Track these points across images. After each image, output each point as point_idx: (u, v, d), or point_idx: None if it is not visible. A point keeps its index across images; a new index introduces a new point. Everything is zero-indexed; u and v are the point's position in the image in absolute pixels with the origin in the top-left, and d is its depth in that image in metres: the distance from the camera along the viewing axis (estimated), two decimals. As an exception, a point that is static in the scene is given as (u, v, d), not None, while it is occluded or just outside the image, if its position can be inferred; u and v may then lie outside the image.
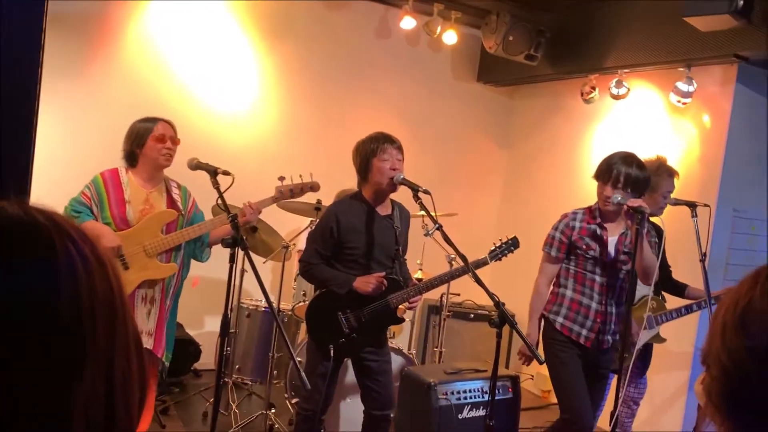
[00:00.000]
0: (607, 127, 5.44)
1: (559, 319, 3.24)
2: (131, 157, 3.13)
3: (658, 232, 3.56)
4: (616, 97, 4.98)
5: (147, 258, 3.04)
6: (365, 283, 3.07)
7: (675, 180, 3.67)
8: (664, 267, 3.77)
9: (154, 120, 3.16)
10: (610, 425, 3.09)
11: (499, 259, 3.21)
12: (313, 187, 3.27)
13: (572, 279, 3.24)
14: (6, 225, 0.55)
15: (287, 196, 3.21)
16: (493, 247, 3.21)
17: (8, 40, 1.38)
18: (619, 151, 3.23)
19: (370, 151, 3.11)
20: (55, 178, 4.47)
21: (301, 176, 3.24)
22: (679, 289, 3.80)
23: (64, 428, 0.54)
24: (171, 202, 3.18)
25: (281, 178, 3.17)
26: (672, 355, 4.40)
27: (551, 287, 3.36)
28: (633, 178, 3.08)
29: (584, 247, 3.19)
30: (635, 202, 3.00)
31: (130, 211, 3.06)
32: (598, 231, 3.20)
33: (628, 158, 3.14)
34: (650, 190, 3.58)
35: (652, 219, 3.62)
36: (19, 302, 0.52)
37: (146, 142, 3.10)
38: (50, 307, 0.53)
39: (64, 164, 4.54)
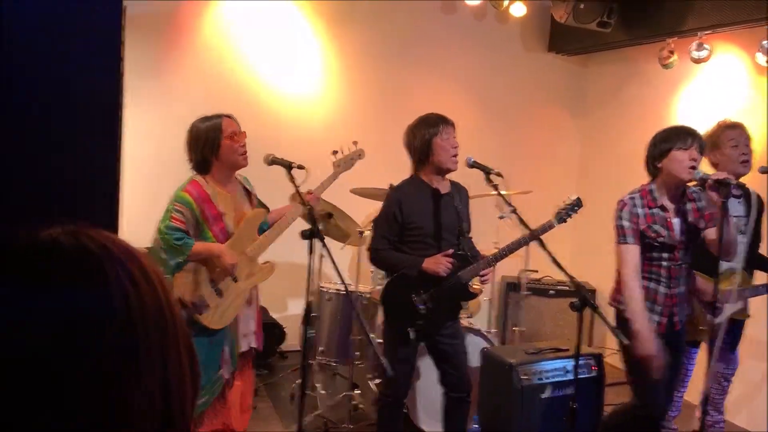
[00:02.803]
0: (688, 92, 5.19)
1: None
2: (204, 165, 2.91)
3: (751, 201, 3.37)
4: (697, 61, 4.74)
5: (251, 263, 2.99)
6: (435, 263, 3.10)
7: (740, 130, 3.43)
8: (757, 238, 3.57)
9: (216, 117, 2.92)
10: (699, 402, 3.01)
11: (564, 221, 3.13)
12: (361, 155, 3.29)
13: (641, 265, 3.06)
14: (60, 255, 0.58)
15: (343, 169, 3.20)
16: (557, 210, 3.15)
17: (87, 43, 1.45)
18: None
19: (432, 132, 3.11)
20: (140, 177, 4.70)
21: (353, 143, 3.27)
22: (764, 264, 3.59)
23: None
24: (249, 197, 3.12)
25: (335, 152, 3.18)
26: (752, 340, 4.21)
27: (617, 273, 3.14)
28: (702, 144, 2.96)
29: (653, 235, 3.01)
30: (719, 175, 2.87)
31: (228, 221, 2.92)
32: (662, 214, 3.03)
33: (684, 126, 3.03)
34: (712, 147, 3.39)
35: (745, 187, 3.43)
36: (75, 328, 0.56)
37: (220, 144, 2.88)
38: (104, 329, 0.57)
39: (146, 163, 4.76)
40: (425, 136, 3.13)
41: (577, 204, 3.14)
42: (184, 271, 2.85)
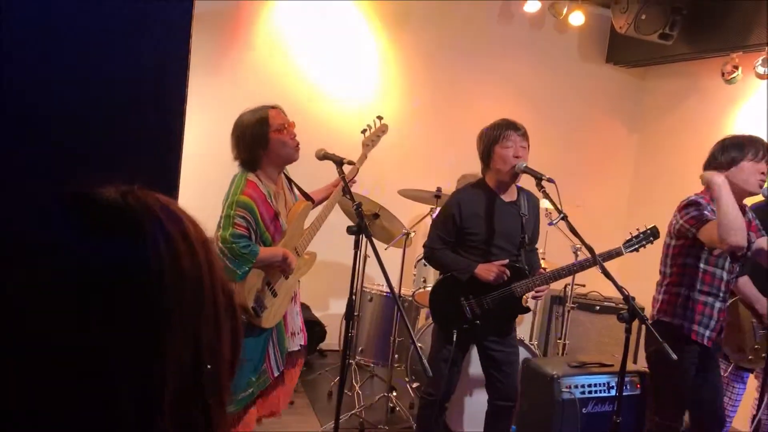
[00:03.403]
0: (749, 109, 5.03)
1: (686, 324, 2.96)
2: (253, 162, 2.73)
3: None
4: (762, 77, 4.60)
5: (298, 258, 2.89)
6: (487, 271, 3.06)
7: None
8: None
9: (262, 109, 2.74)
10: (750, 428, 2.90)
11: (636, 251, 3.02)
12: (384, 130, 3.24)
13: (699, 279, 2.94)
14: (100, 206, 0.62)
15: (372, 146, 3.17)
16: (629, 237, 3.05)
17: (158, 41, 1.49)
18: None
19: (493, 138, 3.08)
20: (200, 175, 4.80)
21: (377, 117, 3.24)
22: None
23: (152, 395, 0.59)
24: (291, 191, 3.01)
25: (364, 131, 3.14)
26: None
27: (668, 287, 3.03)
28: None
29: None
30: None
31: (283, 221, 2.82)
32: None
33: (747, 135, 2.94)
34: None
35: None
36: (108, 275, 0.59)
37: (269, 138, 2.70)
38: (135, 281, 0.59)
39: (206, 160, 4.85)
40: (488, 142, 3.10)
41: (652, 234, 3.01)
42: (249, 276, 2.75)
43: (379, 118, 3.20)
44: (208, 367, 0.63)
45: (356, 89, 5.41)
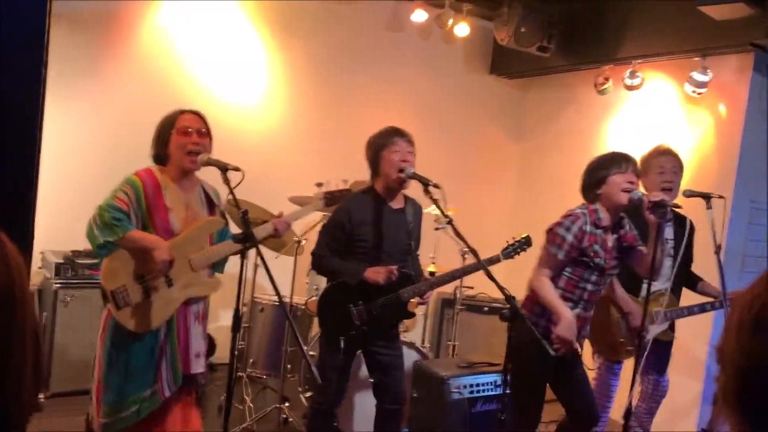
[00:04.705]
0: (621, 118, 5.39)
1: (542, 322, 3.04)
2: (158, 158, 2.82)
3: (684, 224, 3.47)
4: (630, 88, 4.93)
5: (192, 273, 2.80)
6: (375, 273, 3.08)
7: (670, 157, 3.57)
8: (688, 261, 3.67)
9: (177, 111, 2.82)
10: (623, 418, 3.07)
11: (512, 257, 3.17)
12: (349, 194, 3.17)
13: (563, 284, 3.04)
14: None
15: (325, 204, 3.06)
16: (506, 245, 3.20)
17: (10, 41, 1.40)
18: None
19: (381, 145, 3.12)
20: (73, 176, 4.53)
21: (343, 181, 3.19)
22: (690, 282, 3.72)
23: None
24: (211, 207, 2.94)
25: (319, 184, 3.05)
26: (687, 358, 4.35)
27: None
28: (636, 165, 3.03)
29: (592, 254, 3.00)
30: (656, 196, 2.96)
31: (174, 218, 2.76)
32: (603, 236, 3.04)
33: (618, 152, 3.08)
34: (643, 172, 3.45)
35: (678, 211, 3.52)
36: None
37: (170, 138, 2.76)
38: None
39: (81, 162, 4.60)
40: (376, 148, 3.13)
41: (526, 242, 3.17)
42: (114, 259, 2.68)
43: (344, 181, 3.17)
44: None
45: (244, 94, 5.31)
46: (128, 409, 2.72)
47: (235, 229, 2.91)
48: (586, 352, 3.71)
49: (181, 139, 2.75)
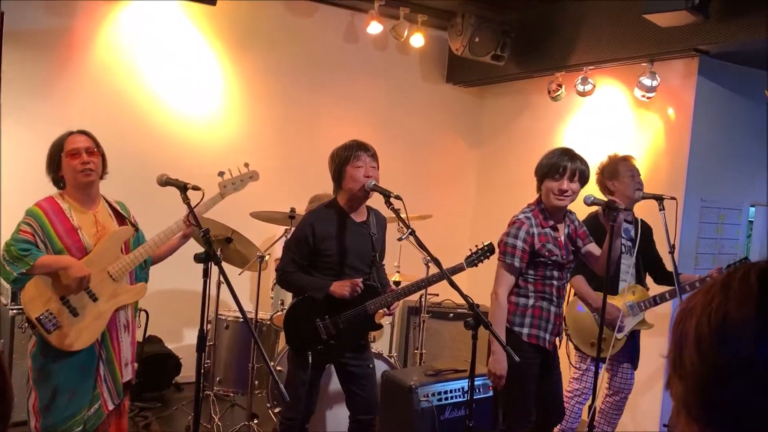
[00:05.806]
0: (575, 123, 5.51)
1: (525, 330, 3.11)
2: (56, 182, 2.90)
3: (645, 227, 3.68)
4: (583, 94, 5.06)
5: (114, 283, 2.86)
6: (341, 287, 3.09)
7: (633, 162, 3.72)
8: (656, 260, 3.83)
9: (64, 134, 2.90)
10: (588, 416, 3.14)
11: (476, 265, 3.21)
12: (253, 177, 3.15)
13: (532, 286, 3.12)
14: None
15: (230, 191, 3.07)
16: (469, 253, 3.22)
17: None
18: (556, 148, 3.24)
19: (344, 159, 3.13)
20: (33, 196, 4.43)
21: (243, 167, 3.11)
22: (668, 278, 3.81)
23: None
24: (120, 219, 3.02)
25: (221, 173, 3.05)
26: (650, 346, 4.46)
27: (509, 297, 3.16)
28: (581, 172, 3.11)
29: (547, 254, 3.08)
30: (608, 200, 3.08)
31: (84, 236, 2.82)
32: (553, 234, 3.13)
33: (569, 151, 3.15)
34: (611, 176, 3.66)
35: (636, 215, 3.70)
36: None
37: (61, 162, 2.85)
38: None
39: (38, 183, 4.50)
40: (339, 162, 3.14)
41: (489, 250, 3.20)
42: (33, 286, 2.72)
43: (246, 165, 3.11)
44: None
45: (201, 107, 5.27)
46: (72, 430, 2.78)
47: (197, 248, 2.88)
48: (571, 351, 3.81)
49: (71, 161, 2.83)
